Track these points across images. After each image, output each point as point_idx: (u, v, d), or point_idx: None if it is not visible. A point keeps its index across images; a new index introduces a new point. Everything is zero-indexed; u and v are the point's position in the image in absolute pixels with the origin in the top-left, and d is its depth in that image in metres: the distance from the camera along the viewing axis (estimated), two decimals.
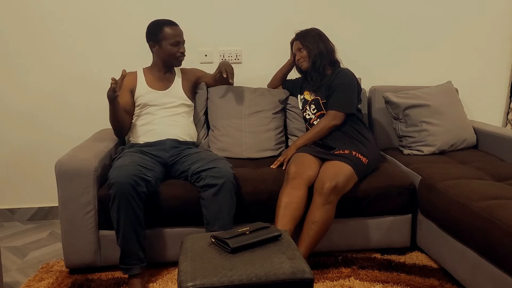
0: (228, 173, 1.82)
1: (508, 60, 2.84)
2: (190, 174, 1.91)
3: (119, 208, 1.72)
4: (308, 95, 2.27)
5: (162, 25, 2.07)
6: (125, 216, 1.73)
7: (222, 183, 1.79)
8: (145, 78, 2.15)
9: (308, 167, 1.98)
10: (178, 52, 2.09)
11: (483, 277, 1.61)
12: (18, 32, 2.46)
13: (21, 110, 2.54)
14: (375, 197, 2.01)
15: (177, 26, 2.10)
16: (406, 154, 2.37)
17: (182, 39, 2.11)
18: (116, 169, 1.78)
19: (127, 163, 1.81)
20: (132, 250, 1.77)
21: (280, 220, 1.83)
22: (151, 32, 2.10)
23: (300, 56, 2.23)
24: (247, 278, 1.22)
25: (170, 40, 2.06)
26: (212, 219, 1.80)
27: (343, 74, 2.17)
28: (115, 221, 1.75)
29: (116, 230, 1.77)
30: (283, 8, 2.61)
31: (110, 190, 1.73)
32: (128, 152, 1.97)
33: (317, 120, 2.20)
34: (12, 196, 2.63)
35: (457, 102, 2.48)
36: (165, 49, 2.08)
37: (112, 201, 1.74)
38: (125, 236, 1.75)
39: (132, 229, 1.75)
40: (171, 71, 2.22)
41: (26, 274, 2.01)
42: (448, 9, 2.72)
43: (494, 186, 1.79)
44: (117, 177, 1.72)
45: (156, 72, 2.17)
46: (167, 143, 2.05)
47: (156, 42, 2.09)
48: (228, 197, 1.81)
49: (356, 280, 1.87)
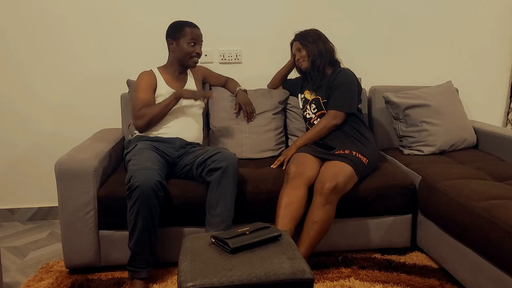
0: (232, 158, 1.86)
1: (508, 60, 2.84)
2: (196, 166, 1.92)
3: (138, 211, 1.71)
4: (309, 94, 2.27)
5: (184, 24, 2.09)
6: (143, 220, 1.72)
7: (226, 166, 1.82)
8: (163, 78, 2.15)
9: (308, 167, 1.98)
10: (193, 52, 2.09)
11: (483, 277, 1.61)
12: (18, 33, 2.46)
13: (21, 110, 2.54)
14: (375, 197, 2.01)
15: (198, 28, 2.12)
16: (406, 154, 2.37)
17: (200, 40, 2.12)
18: (139, 171, 1.74)
19: (150, 165, 1.79)
20: (143, 254, 1.76)
21: (281, 220, 1.83)
22: (172, 30, 2.11)
23: (299, 56, 2.23)
24: (247, 278, 1.22)
25: (187, 38, 2.07)
26: (216, 201, 1.82)
27: (344, 73, 2.17)
28: (131, 224, 1.73)
29: (130, 232, 1.75)
30: (283, 8, 2.60)
31: (132, 193, 1.70)
32: (143, 148, 1.96)
33: (317, 120, 2.20)
34: (12, 196, 2.63)
35: (457, 102, 2.48)
36: (181, 47, 2.08)
37: (132, 204, 1.71)
38: (139, 239, 1.74)
39: (147, 233, 1.74)
40: (184, 72, 2.22)
41: (26, 274, 2.01)
42: (448, 9, 2.72)
43: (494, 186, 1.79)
44: (141, 180, 1.70)
45: (171, 72, 2.17)
46: (177, 143, 2.06)
47: (174, 39, 2.09)
48: (231, 180, 1.83)
49: (356, 280, 1.87)
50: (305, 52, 2.21)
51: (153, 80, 2.11)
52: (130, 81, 2.37)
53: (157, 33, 2.53)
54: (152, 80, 2.11)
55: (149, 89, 2.06)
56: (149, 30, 2.54)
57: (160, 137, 2.05)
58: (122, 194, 1.86)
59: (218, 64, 2.62)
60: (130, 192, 1.72)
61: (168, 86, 2.13)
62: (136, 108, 2.02)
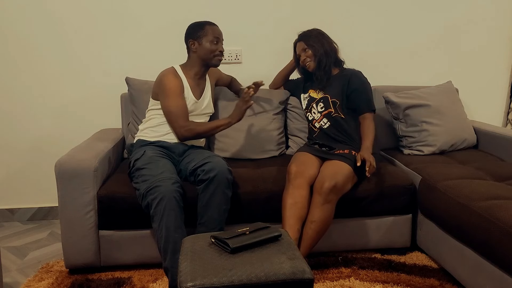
0: (221, 167, 1.81)
1: (508, 60, 2.84)
2: (188, 173, 1.92)
3: (168, 228, 1.69)
4: (315, 93, 2.24)
5: (204, 23, 2.07)
6: (174, 236, 1.70)
7: (213, 176, 1.79)
8: (188, 83, 2.08)
9: (308, 166, 1.98)
10: (217, 50, 2.06)
11: (483, 277, 1.61)
12: (17, 33, 2.46)
13: (21, 110, 2.54)
14: (375, 197, 2.01)
15: (218, 26, 2.10)
16: (406, 154, 2.37)
17: (221, 38, 2.09)
18: (161, 181, 1.72)
19: (169, 175, 1.77)
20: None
21: (287, 221, 1.83)
22: (192, 30, 2.07)
23: (305, 55, 2.21)
24: (247, 278, 1.22)
25: (210, 37, 2.03)
26: (202, 210, 1.81)
27: (359, 74, 2.17)
28: (162, 240, 1.70)
29: (163, 249, 1.72)
30: (283, 8, 2.61)
31: (156, 206, 1.69)
32: (154, 156, 1.92)
33: (322, 120, 2.18)
34: (12, 196, 2.63)
35: (457, 102, 2.48)
36: (204, 46, 2.04)
37: (160, 219, 1.69)
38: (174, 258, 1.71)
39: (179, 250, 1.68)
40: (204, 77, 2.17)
41: (26, 274, 2.01)
42: (448, 9, 2.72)
43: (494, 186, 1.79)
44: (165, 191, 1.69)
45: (192, 74, 2.11)
46: (180, 148, 2.05)
47: (195, 39, 2.05)
48: (219, 191, 1.79)
49: (356, 280, 1.87)
50: (311, 52, 2.19)
51: (182, 84, 2.05)
52: (129, 79, 2.36)
53: (157, 33, 2.54)
54: (181, 84, 2.04)
55: (181, 94, 2.01)
56: (149, 30, 2.54)
57: (164, 142, 2.03)
58: (122, 194, 1.87)
59: None
60: (155, 205, 1.69)
61: (193, 94, 2.08)
62: (178, 116, 1.96)
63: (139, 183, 1.80)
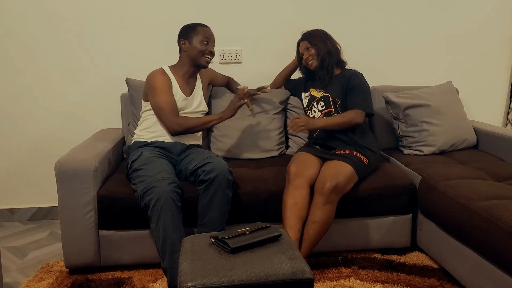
0: (221, 168, 1.81)
1: (508, 60, 2.84)
2: (188, 173, 1.92)
3: (165, 228, 1.69)
4: (316, 92, 2.25)
5: (196, 25, 2.09)
6: (171, 236, 1.70)
7: (214, 177, 1.79)
8: (177, 81, 2.10)
9: (308, 166, 1.98)
10: (206, 50, 2.07)
11: (483, 277, 1.61)
12: (17, 33, 2.46)
13: (21, 110, 2.54)
14: (375, 197, 2.01)
15: (210, 28, 2.11)
16: (406, 154, 2.37)
17: (212, 40, 2.10)
18: (157, 182, 1.72)
19: (165, 176, 1.76)
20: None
21: (288, 221, 1.83)
22: (184, 30, 2.09)
23: (308, 54, 2.21)
24: (247, 278, 1.22)
25: (200, 37, 2.05)
26: (203, 211, 1.81)
27: (359, 75, 2.16)
28: (160, 241, 1.71)
29: (161, 250, 1.72)
30: (283, 8, 2.61)
31: (153, 207, 1.69)
32: (151, 156, 1.92)
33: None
34: (12, 196, 2.63)
35: (457, 102, 2.48)
36: (194, 45, 2.05)
37: (157, 220, 1.69)
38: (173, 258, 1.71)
39: (178, 250, 1.68)
40: (194, 76, 2.18)
41: (26, 274, 2.01)
42: (448, 9, 2.72)
43: (494, 186, 1.79)
44: (161, 192, 1.68)
45: (182, 74, 2.12)
46: (177, 147, 2.05)
47: (186, 38, 2.07)
48: (219, 192, 1.79)
49: (356, 280, 1.87)
50: (314, 50, 2.19)
51: (170, 82, 2.07)
52: (129, 80, 2.37)
53: (158, 33, 2.54)
54: (169, 82, 2.06)
55: (169, 91, 2.03)
56: (149, 30, 2.54)
57: (161, 142, 2.04)
58: (122, 194, 1.87)
59: (218, 64, 2.62)
60: (149, 202, 1.69)
61: (182, 92, 2.09)
62: (167, 112, 1.97)
63: (137, 184, 1.80)
